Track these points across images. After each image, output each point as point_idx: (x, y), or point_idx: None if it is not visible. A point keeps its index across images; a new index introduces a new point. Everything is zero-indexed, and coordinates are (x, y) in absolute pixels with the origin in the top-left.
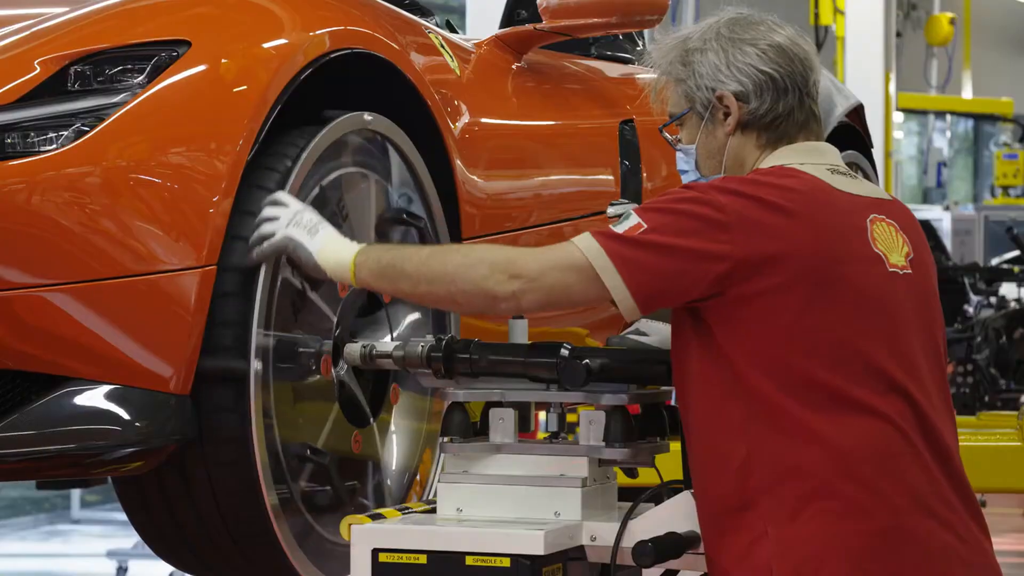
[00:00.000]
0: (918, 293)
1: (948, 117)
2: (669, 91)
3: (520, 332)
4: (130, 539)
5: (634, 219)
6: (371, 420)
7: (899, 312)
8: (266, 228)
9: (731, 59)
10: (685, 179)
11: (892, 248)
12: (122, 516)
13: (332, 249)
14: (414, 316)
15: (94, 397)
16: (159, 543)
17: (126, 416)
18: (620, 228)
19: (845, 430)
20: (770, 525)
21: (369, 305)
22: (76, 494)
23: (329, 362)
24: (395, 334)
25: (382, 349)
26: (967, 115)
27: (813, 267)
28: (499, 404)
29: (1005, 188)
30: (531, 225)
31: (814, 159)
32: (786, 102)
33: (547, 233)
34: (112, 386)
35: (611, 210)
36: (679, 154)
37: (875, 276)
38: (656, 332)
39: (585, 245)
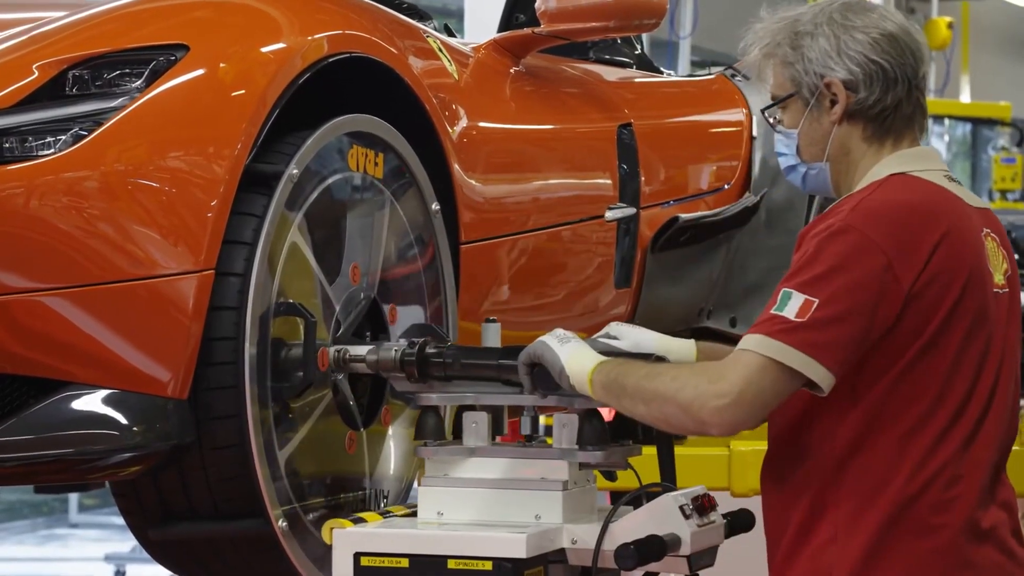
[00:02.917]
0: (1010, 313)
1: (946, 121)
2: (774, 72)
3: (493, 336)
4: (127, 543)
5: (799, 297)
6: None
7: (994, 333)
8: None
9: (842, 46)
10: (783, 162)
11: (996, 267)
12: (120, 520)
13: (577, 358)
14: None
15: (92, 401)
16: (156, 547)
17: (124, 420)
18: (789, 312)
19: (929, 453)
20: (840, 531)
21: (371, 310)
22: (74, 498)
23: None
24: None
25: (355, 353)
26: (965, 119)
27: (954, 283)
28: (473, 408)
29: (1003, 192)
30: (529, 229)
31: (930, 165)
32: (895, 94)
33: (545, 237)
34: (110, 390)
35: (609, 214)
36: (778, 137)
37: (986, 296)
38: (626, 336)
39: (771, 349)
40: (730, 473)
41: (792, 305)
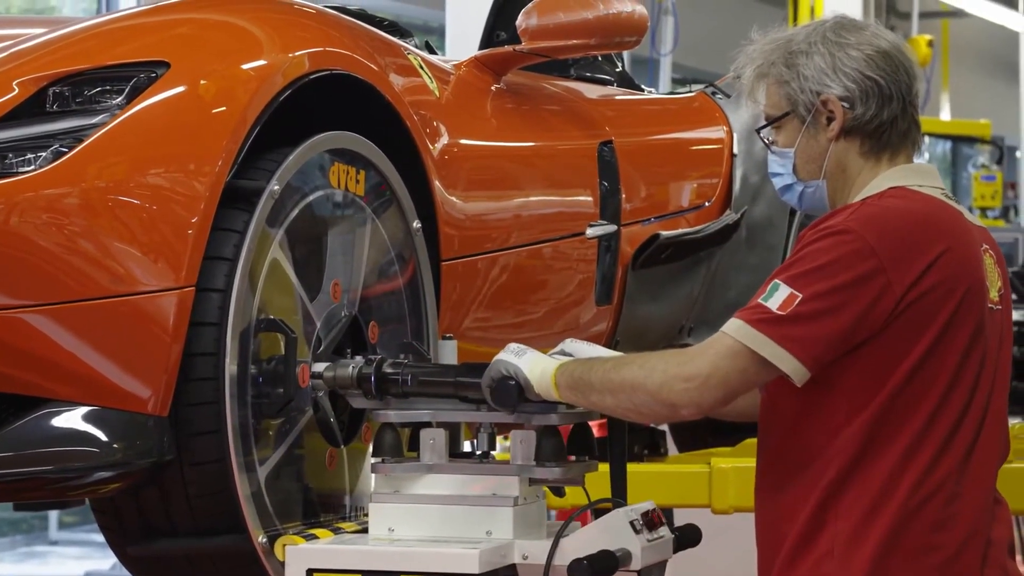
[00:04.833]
0: (1003, 330)
1: (926, 139)
2: (768, 92)
3: (450, 353)
4: (108, 560)
5: (784, 290)
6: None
7: (988, 349)
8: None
9: (837, 63)
10: (778, 182)
11: (993, 283)
12: (100, 537)
13: (537, 364)
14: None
15: (72, 419)
16: (136, 563)
17: (104, 437)
18: (773, 303)
19: (928, 468)
20: (838, 545)
21: (352, 328)
22: (54, 515)
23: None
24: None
25: (314, 370)
26: (945, 137)
27: (952, 296)
28: (429, 425)
29: (983, 210)
30: (510, 246)
31: (929, 181)
32: (890, 109)
33: (526, 254)
34: (90, 407)
35: (590, 231)
36: (772, 157)
37: (983, 311)
38: (580, 352)
39: (748, 336)
40: (711, 490)
41: (777, 297)
